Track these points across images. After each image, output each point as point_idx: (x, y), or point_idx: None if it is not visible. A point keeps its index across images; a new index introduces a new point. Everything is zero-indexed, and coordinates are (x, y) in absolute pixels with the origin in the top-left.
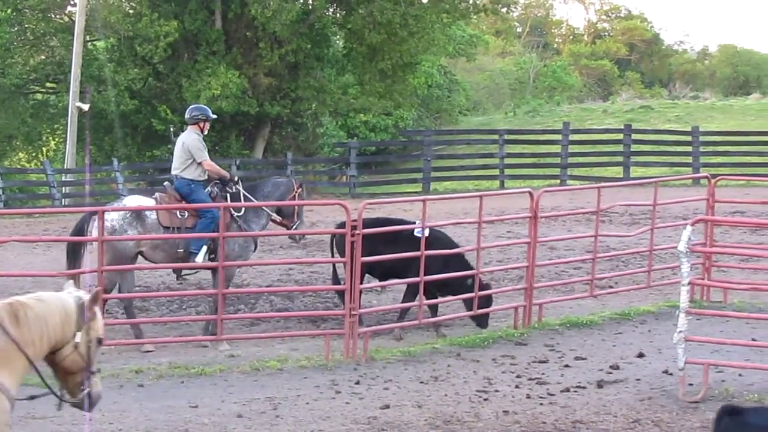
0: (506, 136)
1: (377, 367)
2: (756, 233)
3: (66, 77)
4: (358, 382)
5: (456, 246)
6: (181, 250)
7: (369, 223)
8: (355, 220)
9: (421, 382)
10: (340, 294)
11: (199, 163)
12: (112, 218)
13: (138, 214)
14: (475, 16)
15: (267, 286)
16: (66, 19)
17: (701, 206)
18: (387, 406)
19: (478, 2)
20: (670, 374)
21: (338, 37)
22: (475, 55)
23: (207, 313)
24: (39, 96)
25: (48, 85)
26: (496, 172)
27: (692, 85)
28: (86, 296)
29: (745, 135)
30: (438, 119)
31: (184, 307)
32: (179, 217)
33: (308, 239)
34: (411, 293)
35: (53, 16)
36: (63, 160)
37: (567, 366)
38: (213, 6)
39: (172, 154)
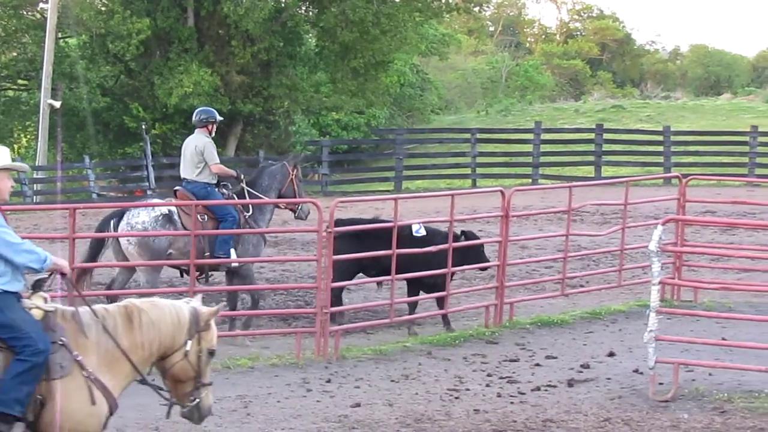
0: (478, 135)
1: (348, 366)
2: (726, 233)
3: (38, 74)
4: (329, 381)
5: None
6: (207, 254)
7: (366, 222)
8: (353, 219)
9: (392, 381)
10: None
11: (210, 166)
12: (144, 220)
13: (169, 217)
14: (447, 15)
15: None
16: (38, 15)
17: (672, 206)
18: (358, 405)
19: (450, 1)
20: (641, 373)
21: (311, 35)
22: (447, 53)
23: None
24: (10, 93)
25: (20, 82)
26: (468, 171)
27: (664, 85)
28: (203, 307)
29: (716, 135)
30: (410, 118)
31: None
32: (200, 220)
33: (279, 237)
34: (414, 288)
35: (25, 12)
36: (35, 157)
37: (538, 365)
38: (185, 3)
39: (142, 151)
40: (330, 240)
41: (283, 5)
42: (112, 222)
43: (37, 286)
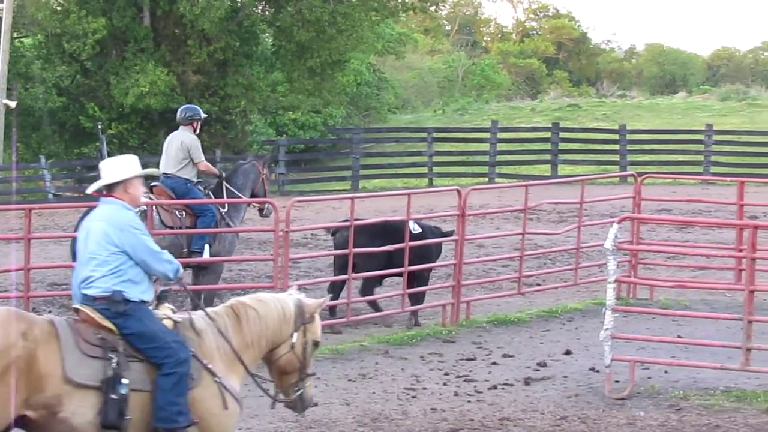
0: (435, 134)
1: None
2: (682, 231)
3: None
4: None
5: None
6: (185, 250)
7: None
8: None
9: (349, 380)
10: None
11: (195, 164)
12: None
13: (146, 213)
14: (404, 14)
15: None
16: None
17: (628, 204)
18: (315, 404)
19: (406, 0)
20: (597, 371)
21: (267, 34)
22: (404, 53)
23: None
24: None
25: None
26: (425, 170)
27: (619, 83)
28: (307, 300)
29: (671, 133)
30: (367, 117)
31: None
32: (178, 216)
33: (240, 235)
34: (422, 281)
35: None
36: None
37: (494, 363)
38: (141, 3)
39: (98, 151)
40: (286, 239)
41: (239, 5)
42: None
43: (162, 297)
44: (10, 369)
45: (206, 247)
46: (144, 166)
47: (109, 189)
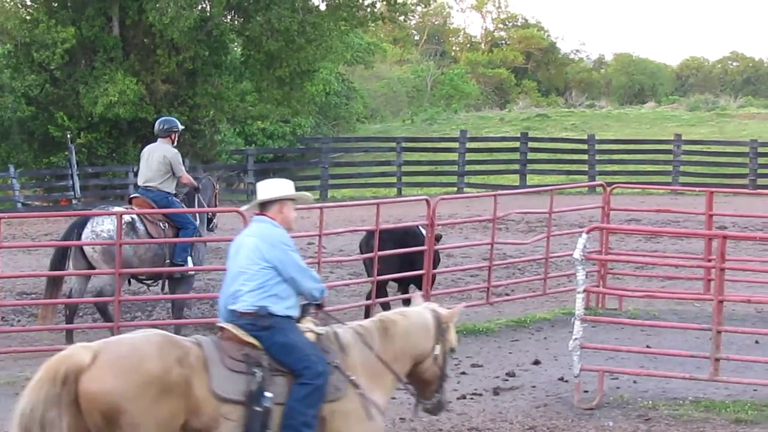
0: (404, 144)
1: None
2: (651, 241)
3: None
4: None
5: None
6: (168, 261)
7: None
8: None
9: None
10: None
11: (177, 177)
12: (108, 228)
13: (132, 224)
14: (372, 24)
15: (164, 294)
16: None
17: (597, 214)
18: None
19: (375, 10)
20: (566, 381)
21: (236, 44)
22: (372, 62)
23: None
24: None
25: None
26: (394, 179)
27: (588, 93)
28: (442, 310)
29: (640, 143)
30: (336, 127)
31: (80, 314)
32: (162, 228)
33: (207, 246)
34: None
35: None
36: None
37: (463, 373)
38: (111, 13)
39: (67, 160)
40: None
41: (208, 14)
42: (75, 231)
43: (304, 311)
44: (169, 393)
45: (189, 259)
46: (114, 175)
47: (263, 208)
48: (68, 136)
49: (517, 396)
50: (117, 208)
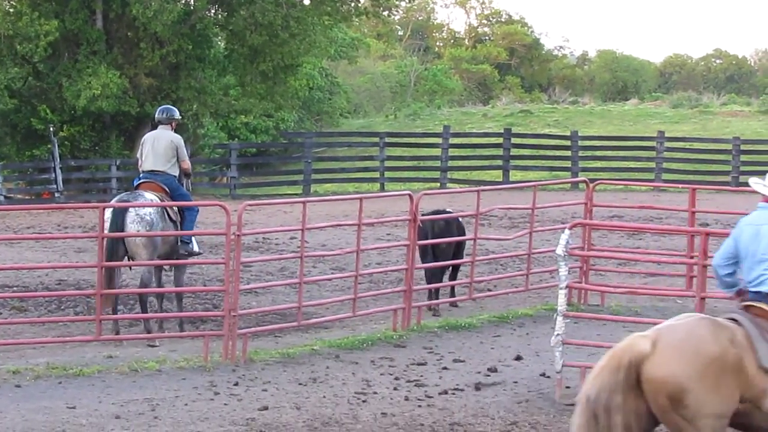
0: (387, 139)
1: (256, 369)
2: (633, 237)
3: None
4: (236, 384)
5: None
6: (179, 244)
7: (429, 214)
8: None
9: (300, 384)
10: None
11: (180, 162)
12: (150, 212)
13: (162, 208)
14: (356, 19)
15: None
16: None
17: (579, 210)
18: (265, 408)
19: (359, 5)
20: (548, 377)
21: (220, 38)
22: (356, 57)
23: (85, 314)
24: None
25: None
26: (377, 174)
27: (571, 90)
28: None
29: (623, 140)
30: (319, 121)
31: (62, 307)
32: (175, 211)
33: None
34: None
35: None
36: None
37: (445, 368)
38: (94, 5)
39: (50, 153)
40: (237, 243)
41: (192, 8)
42: (119, 219)
43: None
44: (727, 372)
45: (193, 239)
46: (97, 168)
47: None
48: (51, 129)
49: (498, 391)
50: (149, 194)
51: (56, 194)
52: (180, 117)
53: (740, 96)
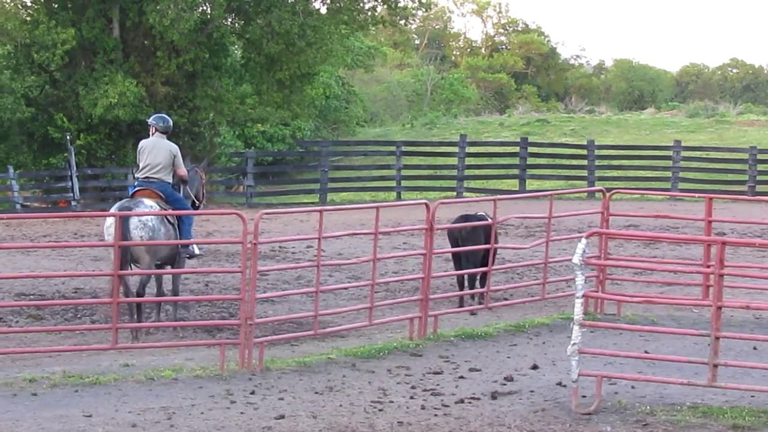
0: (403, 148)
1: (272, 377)
2: (649, 246)
3: None
4: (253, 392)
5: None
6: (180, 247)
7: (461, 218)
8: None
9: (316, 393)
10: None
11: (176, 170)
12: (151, 217)
13: (163, 218)
14: (373, 28)
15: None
16: None
17: (596, 219)
18: (282, 417)
19: (376, 14)
20: (564, 386)
21: (236, 46)
22: (373, 66)
23: (101, 322)
24: None
25: None
26: (393, 183)
27: (588, 99)
28: None
29: (639, 149)
30: (335, 130)
31: (78, 316)
32: (173, 217)
33: (204, 249)
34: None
35: None
36: None
37: (461, 377)
38: (111, 14)
39: (67, 161)
40: (254, 252)
41: (208, 16)
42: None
43: None
44: None
45: (194, 245)
46: (113, 177)
47: None
48: (68, 137)
49: (515, 401)
50: (148, 201)
51: (73, 203)
52: (171, 126)
53: (757, 105)
